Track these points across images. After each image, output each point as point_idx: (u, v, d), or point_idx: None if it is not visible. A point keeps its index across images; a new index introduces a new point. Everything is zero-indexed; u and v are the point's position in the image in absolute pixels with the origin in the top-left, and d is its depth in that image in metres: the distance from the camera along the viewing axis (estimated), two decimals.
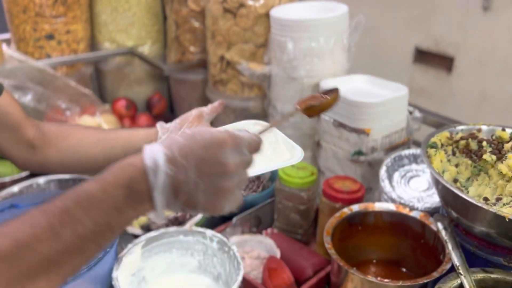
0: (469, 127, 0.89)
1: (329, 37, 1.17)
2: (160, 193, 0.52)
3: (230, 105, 1.47)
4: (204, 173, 0.53)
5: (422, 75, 2.08)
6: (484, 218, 0.73)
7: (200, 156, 0.53)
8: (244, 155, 0.56)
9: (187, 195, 0.54)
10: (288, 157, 0.70)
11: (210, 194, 0.54)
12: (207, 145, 0.54)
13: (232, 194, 0.56)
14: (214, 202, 0.55)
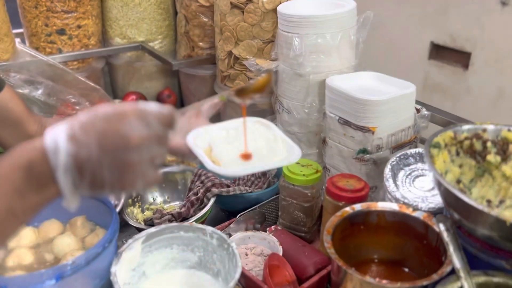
0: (475, 126, 0.87)
1: (335, 33, 1.15)
2: (63, 174, 0.50)
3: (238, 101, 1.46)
4: (107, 148, 0.51)
5: (438, 72, 2.04)
6: (485, 221, 0.71)
7: (102, 130, 0.51)
8: (153, 128, 0.53)
9: (92, 174, 0.51)
10: (284, 156, 0.69)
11: (116, 170, 0.51)
12: (109, 119, 0.51)
13: (140, 169, 0.52)
14: (121, 178, 0.52)
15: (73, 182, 0.51)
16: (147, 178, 0.54)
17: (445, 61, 2.01)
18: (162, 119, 0.55)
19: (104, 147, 0.50)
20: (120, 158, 0.51)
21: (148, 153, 0.53)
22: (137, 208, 1.26)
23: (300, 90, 1.24)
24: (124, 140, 0.51)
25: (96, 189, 0.52)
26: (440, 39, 1.96)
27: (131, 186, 0.54)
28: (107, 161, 0.51)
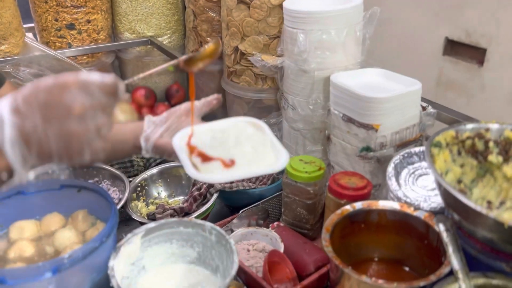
0: (479, 125, 0.85)
1: (341, 29, 1.14)
2: (10, 147, 0.51)
3: (244, 97, 1.46)
4: (50, 119, 0.52)
5: (452, 68, 2.01)
6: (484, 223, 0.70)
7: (44, 101, 0.52)
8: (95, 97, 0.54)
9: (39, 145, 0.52)
10: (270, 162, 0.68)
11: (61, 139, 0.53)
12: (50, 89, 0.52)
13: (86, 138, 0.54)
14: (68, 148, 0.53)
15: (21, 154, 0.52)
16: (94, 147, 0.55)
17: (460, 57, 1.97)
18: (104, 88, 0.55)
19: (48, 117, 0.52)
20: (64, 128, 0.52)
21: (93, 122, 0.54)
22: (141, 202, 1.27)
23: (305, 87, 1.23)
24: (67, 110, 0.52)
25: (44, 159, 0.54)
26: (455, 34, 1.93)
27: (79, 156, 0.55)
28: (52, 131, 0.52)
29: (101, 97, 0.55)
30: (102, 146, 0.56)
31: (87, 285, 0.79)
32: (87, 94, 0.53)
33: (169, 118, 0.84)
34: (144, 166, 1.42)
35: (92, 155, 0.55)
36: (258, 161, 0.66)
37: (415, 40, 2.06)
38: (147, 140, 0.83)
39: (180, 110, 0.86)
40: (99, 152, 0.56)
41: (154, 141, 0.81)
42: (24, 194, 0.93)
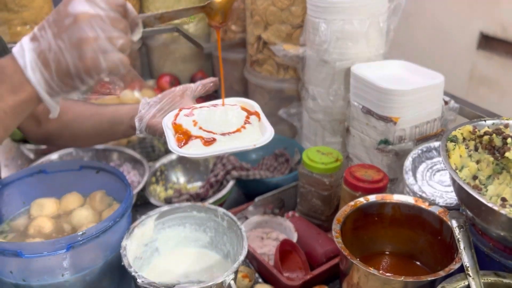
0: (500, 121, 0.83)
1: (363, 20, 1.12)
2: (31, 71, 0.56)
3: (265, 86, 1.46)
4: (60, 31, 0.55)
5: (486, 63, 1.95)
6: (497, 220, 0.68)
7: (53, 19, 0.56)
8: (99, 6, 0.57)
9: (56, 61, 0.56)
10: (254, 138, 0.68)
11: (74, 48, 0.56)
12: (57, 9, 0.57)
13: (97, 45, 0.56)
14: (81, 55, 0.56)
15: (42, 77, 0.57)
16: (110, 57, 0.57)
17: (494, 52, 1.91)
18: (111, 2, 0.58)
19: (58, 31, 0.56)
20: (73, 36, 0.55)
21: (103, 31, 0.56)
22: (160, 186, 1.29)
23: (325, 77, 1.22)
24: (73, 18, 0.55)
25: (65, 80, 0.57)
26: (490, 29, 1.86)
27: (94, 64, 0.57)
28: (64, 43, 0.56)
29: (105, 7, 0.57)
30: (119, 58, 0.58)
31: (100, 263, 0.81)
32: (92, 4, 0.57)
33: (162, 99, 0.86)
34: (165, 151, 1.44)
35: (109, 65, 0.58)
36: (241, 137, 0.67)
37: (446, 33, 2.01)
38: (140, 120, 0.86)
39: (175, 92, 0.88)
40: (117, 64, 0.59)
41: (146, 121, 0.84)
42: (45, 173, 0.97)
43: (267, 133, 0.69)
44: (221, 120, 0.69)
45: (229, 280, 0.77)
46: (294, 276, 1.01)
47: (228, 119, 0.69)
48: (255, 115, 0.72)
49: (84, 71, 0.57)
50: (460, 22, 1.94)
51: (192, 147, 0.65)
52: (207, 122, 0.69)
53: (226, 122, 0.68)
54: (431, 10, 1.85)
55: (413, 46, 1.80)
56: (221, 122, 0.69)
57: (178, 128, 0.69)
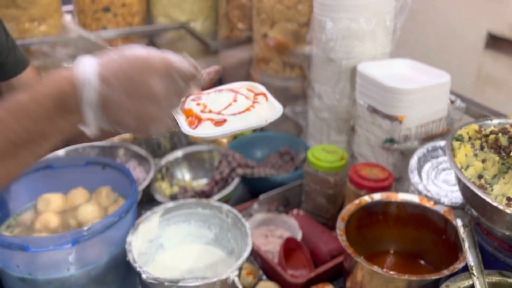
0: (506, 120, 0.83)
1: (370, 18, 1.12)
2: (89, 107, 0.54)
3: (271, 84, 1.46)
4: (132, 95, 0.54)
5: (493, 63, 1.94)
6: (502, 220, 0.68)
7: (130, 77, 0.54)
8: (176, 83, 0.56)
9: (115, 114, 0.55)
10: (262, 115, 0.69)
11: (138, 117, 0.55)
12: (138, 68, 0.54)
13: (160, 120, 0.56)
14: (141, 125, 0.56)
15: (95, 115, 0.55)
16: (162, 126, 0.59)
17: (502, 52, 1.90)
18: (186, 76, 0.57)
19: (131, 94, 0.54)
20: (143, 108, 0.55)
21: (168, 106, 0.58)
22: (166, 183, 1.30)
23: (331, 76, 1.22)
24: (150, 93, 0.55)
25: (113, 125, 0.57)
26: (497, 28, 1.85)
27: (147, 132, 0.58)
28: (131, 107, 0.55)
29: (182, 84, 0.57)
30: (169, 125, 0.60)
31: (105, 258, 0.82)
32: (170, 81, 0.55)
33: None
34: (170, 148, 1.45)
35: (158, 132, 0.59)
36: (251, 115, 0.68)
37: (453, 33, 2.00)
38: None
39: None
40: (166, 130, 0.60)
41: None
42: (52, 169, 0.97)
43: (276, 110, 0.69)
44: (229, 101, 0.70)
45: (233, 277, 0.77)
46: (298, 274, 1.02)
47: (236, 100, 0.69)
48: (262, 95, 0.72)
49: (133, 131, 0.58)
50: (467, 22, 1.93)
51: (205, 128, 0.66)
52: (216, 104, 0.69)
53: (234, 103, 0.69)
54: (438, 9, 1.84)
55: (420, 45, 1.79)
56: (229, 103, 0.69)
57: (189, 113, 0.70)
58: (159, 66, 0.55)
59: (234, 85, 0.78)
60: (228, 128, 0.66)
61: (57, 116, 0.54)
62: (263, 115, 0.68)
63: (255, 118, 0.68)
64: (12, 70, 0.87)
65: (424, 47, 1.77)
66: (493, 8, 1.83)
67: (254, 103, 0.69)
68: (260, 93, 0.73)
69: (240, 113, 0.67)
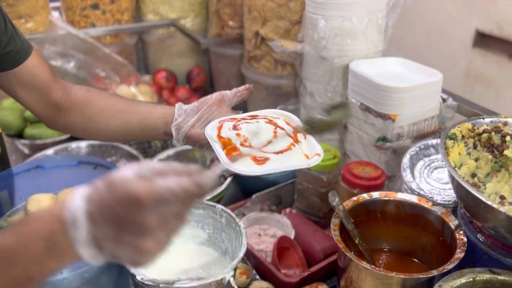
0: (498, 119, 0.84)
1: (362, 16, 1.12)
2: (83, 247, 0.50)
3: (263, 82, 1.46)
4: (123, 232, 0.49)
5: (482, 61, 1.96)
6: (495, 218, 0.69)
7: (117, 215, 0.49)
8: (171, 207, 0.50)
9: (110, 250, 0.51)
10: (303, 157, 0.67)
11: (133, 252, 0.50)
12: (124, 203, 0.49)
13: (157, 250, 0.51)
14: (135, 260, 0.51)
15: (90, 253, 0.51)
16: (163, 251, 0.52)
17: (490, 50, 1.91)
18: (183, 197, 0.50)
19: (121, 230, 0.50)
20: (136, 243, 0.50)
21: (166, 234, 0.51)
22: None
23: (323, 74, 1.22)
24: (140, 228, 0.49)
25: (114, 258, 0.52)
26: (486, 27, 1.87)
27: (147, 263, 0.52)
28: (125, 243, 0.50)
29: (177, 206, 0.51)
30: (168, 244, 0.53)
31: None
32: (161, 207, 0.49)
33: (200, 108, 0.82)
34: (161, 147, 1.44)
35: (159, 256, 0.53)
36: (292, 155, 0.66)
37: (443, 31, 2.01)
38: (178, 129, 0.82)
39: (212, 100, 0.83)
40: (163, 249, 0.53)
41: (185, 131, 0.81)
42: (42, 169, 0.96)
43: (315, 151, 0.68)
44: (270, 137, 0.68)
45: (228, 277, 0.77)
46: (292, 273, 1.02)
47: (276, 136, 0.68)
48: (301, 133, 0.71)
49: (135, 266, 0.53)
50: (456, 20, 1.94)
51: (246, 163, 0.64)
52: (257, 138, 0.68)
53: (275, 140, 0.68)
54: (427, 8, 1.85)
55: (410, 43, 1.80)
56: (270, 140, 0.68)
57: (227, 143, 0.68)
58: (147, 199, 0.48)
59: (269, 113, 0.77)
60: (270, 167, 0.65)
61: (47, 258, 0.51)
62: (303, 157, 0.67)
63: (297, 159, 0.67)
64: (14, 59, 0.84)
65: (413, 45, 1.78)
66: (482, 7, 1.84)
67: (295, 142, 0.68)
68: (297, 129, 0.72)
69: (282, 152, 0.66)
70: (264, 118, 0.74)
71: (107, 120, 0.91)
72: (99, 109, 0.91)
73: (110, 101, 0.93)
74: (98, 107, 0.91)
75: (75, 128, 0.95)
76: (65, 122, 0.93)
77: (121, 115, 0.90)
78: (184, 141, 0.83)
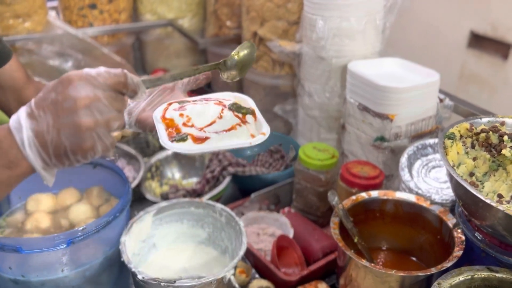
0: (495, 119, 0.85)
1: (361, 17, 1.13)
2: (29, 149, 0.54)
3: (261, 83, 1.46)
4: (59, 114, 0.54)
5: (476, 61, 1.97)
6: (493, 216, 0.70)
7: (52, 100, 0.54)
8: (100, 89, 0.55)
9: (54, 143, 0.55)
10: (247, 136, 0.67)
11: (72, 134, 0.54)
12: (56, 87, 0.55)
13: (96, 131, 0.55)
14: (79, 142, 0.55)
15: (39, 156, 0.55)
16: (105, 141, 0.56)
17: (484, 51, 1.93)
18: (111, 81, 0.57)
19: (57, 114, 0.54)
20: (74, 121, 0.54)
21: (101, 114, 0.55)
22: (155, 182, 1.29)
23: (322, 74, 1.23)
24: (73, 103, 0.54)
25: (62, 159, 0.56)
26: (480, 28, 1.89)
27: (92, 150, 0.56)
28: (64, 127, 0.54)
29: (106, 89, 0.56)
30: (112, 141, 0.57)
31: (100, 258, 0.81)
32: (92, 87, 0.55)
33: (152, 92, 0.84)
34: (159, 147, 1.44)
35: (103, 148, 0.57)
36: (235, 135, 0.66)
37: (438, 31, 2.03)
38: (129, 114, 0.83)
39: (164, 86, 0.86)
40: (109, 147, 0.58)
41: (136, 115, 0.82)
42: None
43: (262, 130, 0.68)
44: (215, 117, 0.68)
45: (229, 276, 0.77)
46: (291, 272, 1.02)
47: (222, 116, 0.67)
48: (251, 115, 0.70)
49: (81, 155, 0.56)
50: (451, 21, 1.96)
51: (184, 143, 0.64)
52: (200, 118, 0.67)
53: (219, 120, 0.67)
54: (423, 9, 1.87)
55: (406, 44, 1.81)
56: (213, 120, 0.67)
57: (170, 123, 0.68)
58: (76, 76, 0.55)
59: (222, 95, 0.75)
60: (209, 146, 0.65)
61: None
62: (249, 137, 0.66)
63: (239, 138, 0.66)
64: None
65: (409, 45, 1.79)
66: (476, 8, 1.86)
67: (242, 123, 0.67)
68: (250, 113, 0.71)
69: (225, 131, 0.66)
70: (215, 100, 0.74)
71: None
72: None
73: None
74: None
75: None
76: None
77: None
78: (136, 125, 0.84)
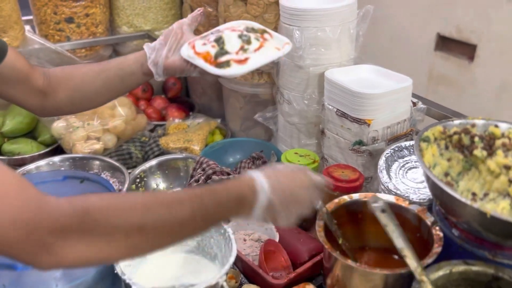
0: (466, 121, 0.90)
1: (335, 26, 1.18)
2: (259, 208, 0.73)
3: (240, 91, 1.49)
4: (288, 206, 0.76)
5: (443, 63, 2.05)
6: (468, 213, 0.74)
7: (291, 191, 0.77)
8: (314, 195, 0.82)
9: (273, 214, 0.76)
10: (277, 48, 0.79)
11: (287, 218, 0.78)
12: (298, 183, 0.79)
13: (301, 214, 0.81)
14: (288, 223, 0.79)
15: (259, 214, 0.75)
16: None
17: (451, 53, 2.01)
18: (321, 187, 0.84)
19: (287, 205, 0.76)
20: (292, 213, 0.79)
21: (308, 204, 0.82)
22: None
23: (300, 82, 1.27)
24: (300, 201, 0.79)
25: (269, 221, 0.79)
26: (446, 30, 1.96)
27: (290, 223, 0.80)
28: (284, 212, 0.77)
29: (318, 194, 0.83)
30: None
31: (93, 271, 0.82)
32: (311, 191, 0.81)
33: (167, 39, 0.89)
34: (142, 158, 1.45)
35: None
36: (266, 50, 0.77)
37: (407, 36, 2.10)
38: (155, 64, 0.89)
39: (174, 30, 0.91)
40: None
41: (162, 64, 0.87)
42: None
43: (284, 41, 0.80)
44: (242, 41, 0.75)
45: (222, 282, 0.80)
46: (278, 275, 1.05)
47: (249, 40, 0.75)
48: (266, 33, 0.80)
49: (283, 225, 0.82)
50: (418, 25, 2.03)
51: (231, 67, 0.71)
52: (229, 45, 0.74)
53: (247, 43, 0.74)
54: (391, 14, 1.93)
55: (377, 49, 1.87)
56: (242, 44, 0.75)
57: (208, 56, 0.73)
58: (308, 183, 0.80)
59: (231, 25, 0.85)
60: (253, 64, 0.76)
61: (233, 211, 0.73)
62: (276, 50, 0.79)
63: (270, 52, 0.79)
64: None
65: (380, 51, 1.85)
66: (442, 12, 1.94)
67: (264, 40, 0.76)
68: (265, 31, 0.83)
69: (256, 50, 0.75)
70: (228, 29, 0.82)
71: (90, 85, 0.97)
72: (80, 79, 0.98)
73: (87, 68, 1.00)
74: (78, 77, 0.98)
75: (64, 106, 0.99)
76: (53, 103, 0.98)
77: (99, 75, 0.97)
78: (164, 73, 0.89)
